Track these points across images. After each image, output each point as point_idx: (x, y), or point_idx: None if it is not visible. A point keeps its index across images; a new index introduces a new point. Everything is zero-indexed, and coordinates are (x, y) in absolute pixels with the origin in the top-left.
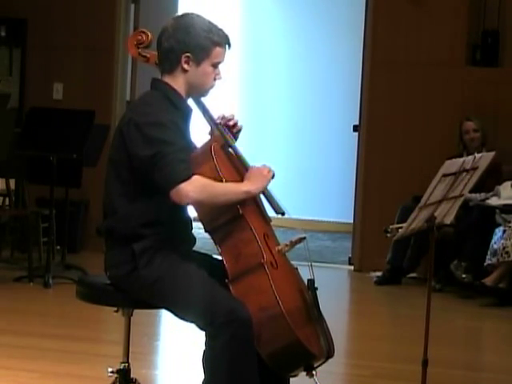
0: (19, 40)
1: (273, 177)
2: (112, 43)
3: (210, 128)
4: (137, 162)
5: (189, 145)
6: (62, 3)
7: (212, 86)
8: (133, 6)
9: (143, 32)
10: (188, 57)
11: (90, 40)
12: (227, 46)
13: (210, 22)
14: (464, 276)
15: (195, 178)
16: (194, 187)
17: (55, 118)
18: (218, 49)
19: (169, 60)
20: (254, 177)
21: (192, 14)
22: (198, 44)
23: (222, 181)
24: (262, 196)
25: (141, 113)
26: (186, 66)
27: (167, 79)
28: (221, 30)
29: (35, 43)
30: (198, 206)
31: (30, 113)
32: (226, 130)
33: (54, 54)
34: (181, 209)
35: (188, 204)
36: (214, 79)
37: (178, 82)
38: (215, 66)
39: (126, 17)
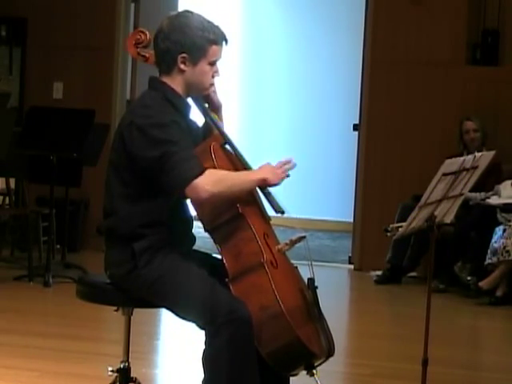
0: (19, 39)
1: (288, 176)
2: (112, 42)
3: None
4: (143, 164)
5: (195, 139)
6: (62, 3)
7: (211, 84)
8: (133, 5)
9: (142, 32)
10: (184, 57)
11: (91, 39)
12: (224, 42)
13: (205, 20)
14: (469, 278)
15: (209, 171)
16: (210, 181)
17: (55, 117)
18: (214, 47)
19: (166, 61)
20: (270, 168)
21: (187, 12)
22: (194, 44)
23: None
24: (261, 195)
25: (142, 115)
26: (182, 67)
27: (165, 79)
28: (216, 27)
29: (35, 42)
30: (215, 198)
31: (30, 112)
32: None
33: (54, 53)
34: (181, 208)
35: (206, 198)
36: (213, 77)
37: (176, 82)
38: (212, 64)
39: (126, 16)
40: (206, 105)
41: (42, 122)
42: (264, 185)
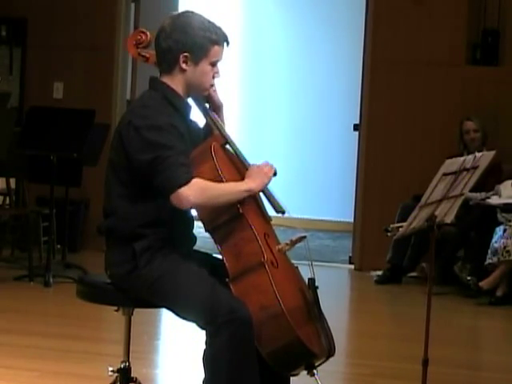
0: (19, 39)
1: (275, 174)
2: (112, 42)
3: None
4: (136, 165)
5: (195, 140)
6: (62, 3)
7: (211, 85)
8: (133, 5)
9: (142, 32)
10: (186, 56)
11: (91, 39)
12: (225, 43)
13: (207, 21)
14: (469, 279)
15: (194, 181)
16: (194, 191)
17: (55, 117)
18: (215, 47)
19: (167, 60)
20: (255, 174)
21: (189, 12)
22: (196, 43)
23: (222, 180)
24: (262, 195)
25: (140, 115)
26: (184, 66)
27: (166, 79)
28: (219, 28)
29: (35, 42)
30: (199, 208)
31: (31, 112)
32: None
33: (54, 53)
34: (182, 209)
35: (188, 208)
36: (213, 77)
37: (176, 82)
38: (213, 64)
39: (126, 16)
40: (207, 105)
41: (42, 122)
42: (250, 194)
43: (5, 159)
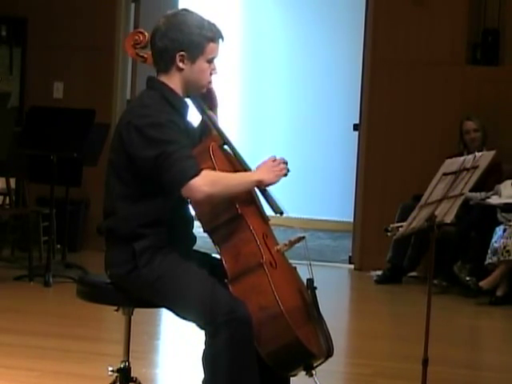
0: (20, 39)
1: (286, 175)
2: (112, 42)
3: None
4: (140, 163)
5: (192, 140)
6: (62, 2)
7: (209, 82)
8: (133, 5)
9: (140, 32)
10: (183, 55)
11: (91, 39)
12: (221, 40)
13: (202, 18)
14: (468, 279)
15: (205, 172)
16: (206, 181)
17: (56, 116)
18: (211, 44)
19: (163, 59)
20: (266, 168)
21: (184, 10)
22: (192, 41)
23: None
24: (260, 195)
25: (139, 115)
26: (181, 65)
27: (163, 78)
28: (213, 24)
29: (36, 42)
30: (211, 199)
31: (31, 112)
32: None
33: (54, 53)
34: (182, 208)
35: (201, 199)
36: (210, 74)
37: (174, 81)
38: (210, 61)
39: (126, 16)
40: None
41: (42, 122)
42: (261, 185)
43: (5, 159)
